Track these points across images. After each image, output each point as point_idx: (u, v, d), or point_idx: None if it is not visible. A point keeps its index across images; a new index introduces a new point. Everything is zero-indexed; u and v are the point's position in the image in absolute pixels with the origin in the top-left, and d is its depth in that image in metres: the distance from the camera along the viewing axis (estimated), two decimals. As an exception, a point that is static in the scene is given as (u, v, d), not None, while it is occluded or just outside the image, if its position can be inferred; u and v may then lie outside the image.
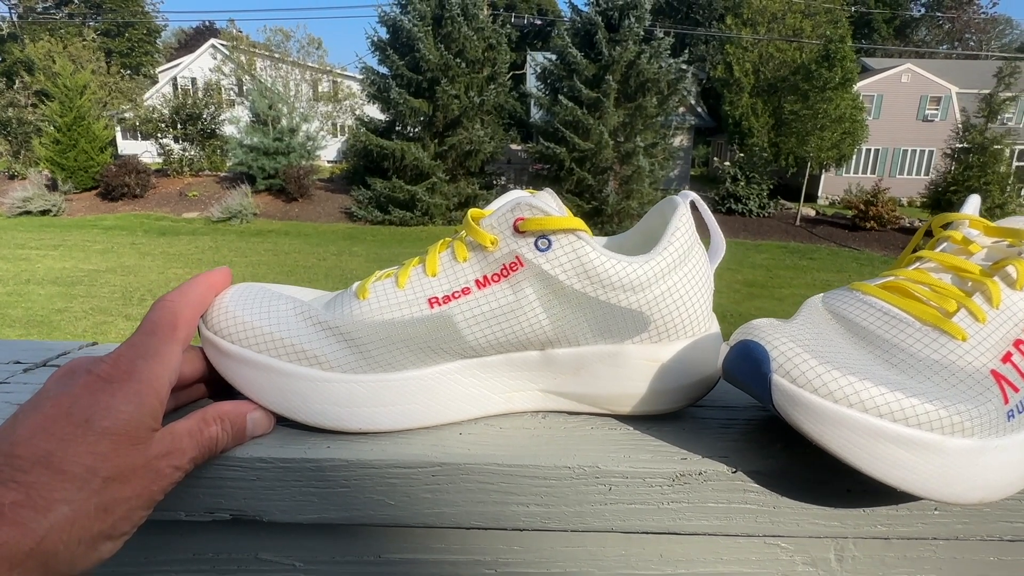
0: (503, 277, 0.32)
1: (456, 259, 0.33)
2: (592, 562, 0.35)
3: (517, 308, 0.32)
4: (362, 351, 0.32)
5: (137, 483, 0.26)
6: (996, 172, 12.44)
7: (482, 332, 0.32)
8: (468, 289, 0.32)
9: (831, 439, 0.26)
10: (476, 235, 0.32)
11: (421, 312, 0.32)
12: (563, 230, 0.31)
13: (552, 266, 0.32)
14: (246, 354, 0.32)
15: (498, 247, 0.32)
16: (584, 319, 0.33)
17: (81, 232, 10.29)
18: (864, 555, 0.35)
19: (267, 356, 0.32)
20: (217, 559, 0.35)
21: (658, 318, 0.33)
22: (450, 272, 0.33)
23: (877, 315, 0.30)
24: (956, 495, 0.26)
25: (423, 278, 0.33)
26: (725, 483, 0.31)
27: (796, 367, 0.26)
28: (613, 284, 0.32)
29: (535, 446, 0.32)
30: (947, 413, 0.25)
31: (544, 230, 0.31)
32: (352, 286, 0.35)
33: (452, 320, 0.32)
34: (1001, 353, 0.28)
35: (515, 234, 0.32)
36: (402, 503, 0.32)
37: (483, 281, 0.32)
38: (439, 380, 0.33)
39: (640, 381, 0.34)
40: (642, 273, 0.32)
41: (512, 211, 0.32)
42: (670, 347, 0.34)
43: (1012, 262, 0.30)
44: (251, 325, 0.33)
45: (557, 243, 0.31)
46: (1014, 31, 35.62)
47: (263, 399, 0.33)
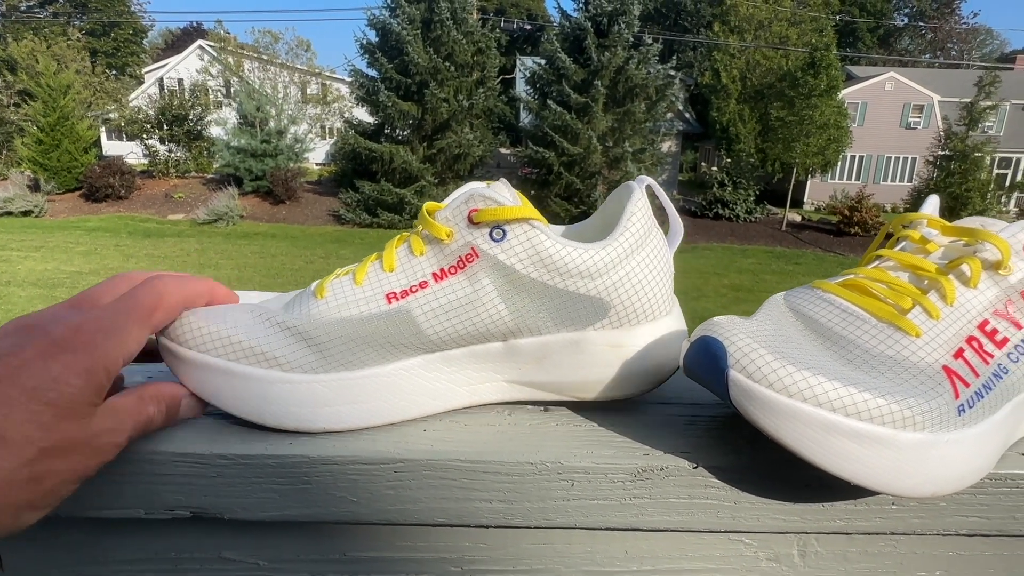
0: (460, 269, 0.32)
1: (413, 253, 0.33)
2: (558, 559, 0.35)
3: (475, 300, 0.32)
4: (322, 350, 0.32)
5: (74, 457, 0.26)
6: (977, 179, 12.66)
7: (441, 325, 0.32)
8: (425, 283, 0.32)
9: (785, 433, 0.26)
10: (432, 228, 0.32)
11: (379, 308, 0.32)
12: (517, 219, 0.31)
13: (508, 256, 0.32)
14: (204, 359, 0.32)
15: (454, 239, 0.32)
16: (544, 308, 0.33)
17: (64, 233, 10.14)
18: (826, 550, 0.35)
19: (225, 360, 0.32)
20: (179, 558, 0.35)
21: (618, 304, 0.33)
22: (407, 267, 0.33)
23: (836, 312, 0.31)
24: (908, 488, 0.27)
25: (380, 274, 0.33)
26: (686, 478, 0.31)
27: (752, 362, 0.27)
28: (570, 271, 0.32)
29: (498, 442, 0.32)
30: (898, 407, 0.26)
31: (498, 220, 0.31)
32: (311, 285, 0.35)
33: (411, 314, 0.32)
34: (953, 349, 0.29)
35: (470, 226, 0.32)
36: (365, 500, 0.31)
37: (440, 274, 0.32)
38: (401, 376, 0.33)
39: (604, 367, 0.34)
40: (599, 259, 0.32)
41: (466, 203, 0.32)
42: (632, 332, 0.34)
43: (966, 260, 0.31)
44: (207, 330, 0.32)
45: (512, 233, 0.32)
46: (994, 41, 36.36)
47: (224, 404, 0.32)
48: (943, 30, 33.22)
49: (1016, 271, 0.31)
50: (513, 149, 13.87)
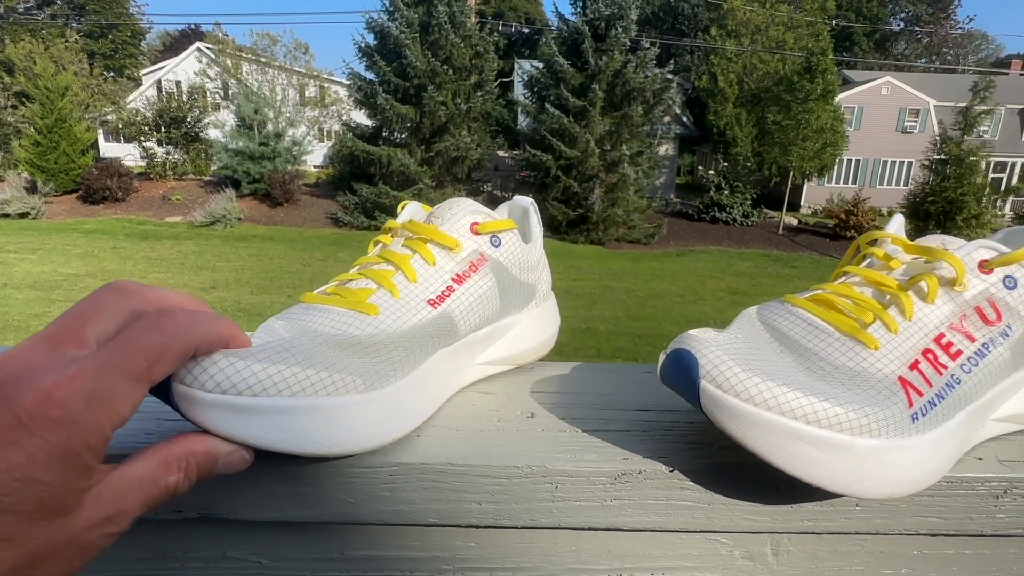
0: (474, 272, 0.38)
1: (427, 263, 0.37)
2: (545, 558, 0.37)
3: (488, 294, 0.39)
4: (391, 361, 0.33)
5: (54, 566, 0.20)
6: (972, 183, 12.73)
7: (471, 319, 0.38)
8: (452, 288, 0.37)
9: (752, 439, 0.28)
10: (442, 239, 0.38)
11: (429, 313, 0.36)
12: (508, 230, 0.41)
13: (504, 258, 0.40)
14: (271, 403, 0.28)
15: (462, 248, 0.38)
16: (514, 296, 0.42)
17: (61, 236, 10.14)
18: (798, 549, 0.37)
19: (299, 397, 0.28)
20: (187, 557, 0.37)
21: (540, 287, 0.45)
22: (428, 275, 0.37)
23: (802, 325, 0.33)
24: (866, 491, 0.29)
25: (408, 284, 0.36)
26: (663, 481, 0.33)
27: (722, 373, 0.29)
28: (527, 266, 0.42)
29: (487, 447, 0.34)
30: (855, 415, 0.28)
31: (493, 231, 0.40)
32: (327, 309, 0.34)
33: (452, 315, 0.37)
34: (909, 361, 0.31)
35: (472, 236, 0.39)
36: (362, 501, 0.33)
37: (458, 278, 0.38)
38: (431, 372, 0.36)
39: (536, 334, 0.45)
40: (536, 256, 0.44)
41: (467, 216, 0.39)
42: (544, 306, 0.46)
43: (925, 277, 0.33)
44: (269, 370, 0.28)
45: (504, 239, 0.41)
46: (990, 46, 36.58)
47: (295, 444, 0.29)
48: (939, 35, 33.43)
49: (970, 288, 0.33)
50: (511, 152, 13.94)
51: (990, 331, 0.32)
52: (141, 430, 0.35)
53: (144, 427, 0.35)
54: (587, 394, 0.42)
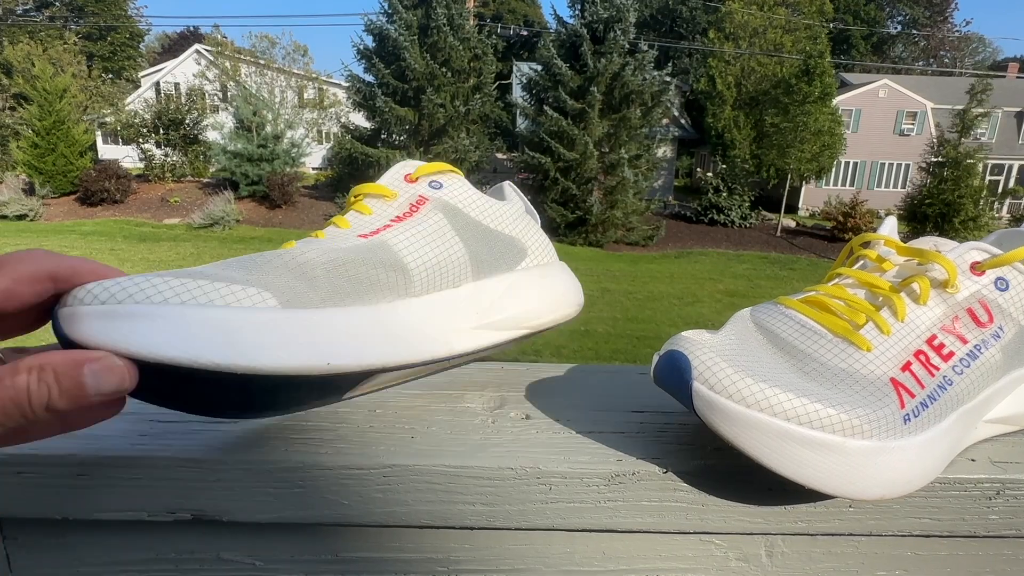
0: (415, 212, 0.37)
1: (363, 214, 0.37)
2: (539, 559, 0.37)
3: (437, 232, 0.37)
4: (312, 282, 0.31)
5: None
6: (969, 186, 12.77)
7: (419, 254, 0.36)
8: (389, 225, 0.36)
9: (744, 440, 0.28)
10: (375, 190, 0.37)
11: (356, 243, 0.34)
12: (447, 171, 0.40)
13: (450, 197, 0.39)
14: (149, 310, 0.25)
15: (398, 195, 0.38)
16: (485, 244, 0.39)
17: (59, 237, 10.12)
18: (792, 551, 0.37)
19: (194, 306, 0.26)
20: (180, 559, 0.37)
21: (532, 246, 0.43)
22: (362, 221, 0.36)
23: (795, 327, 0.33)
24: (858, 492, 0.29)
25: (339, 231, 0.36)
26: (657, 482, 0.33)
27: (714, 375, 0.29)
28: (494, 215, 0.41)
29: (481, 448, 0.34)
30: (847, 416, 0.28)
31: (430, 174, 0.39)
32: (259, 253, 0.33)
33: (388, 244, 0.35)
34: (901, 362, 0.31)
35: (408, 183, 0.39)
36: (356, 503, 0.33)
37: (398, 218, 0.37)
38: (392, 315, 0.34)
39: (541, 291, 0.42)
40: (508, 209, 0.42)
41: (399, 170, 0.39)
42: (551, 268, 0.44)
43: (917, 279, 0.33)
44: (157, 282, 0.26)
45: (446, 181, 0.39)
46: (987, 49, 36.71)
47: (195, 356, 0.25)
48: (936, 38, 33.54)
49: (963, 289, 0.33)
50: (509, 155, 13.95)
51: (982, 333, 0.33)
52: (134, 432, 0.35)
53: (137, 428, 0.35)
54: (581, 395, 0.42)
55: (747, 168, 14.43)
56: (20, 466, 0.33)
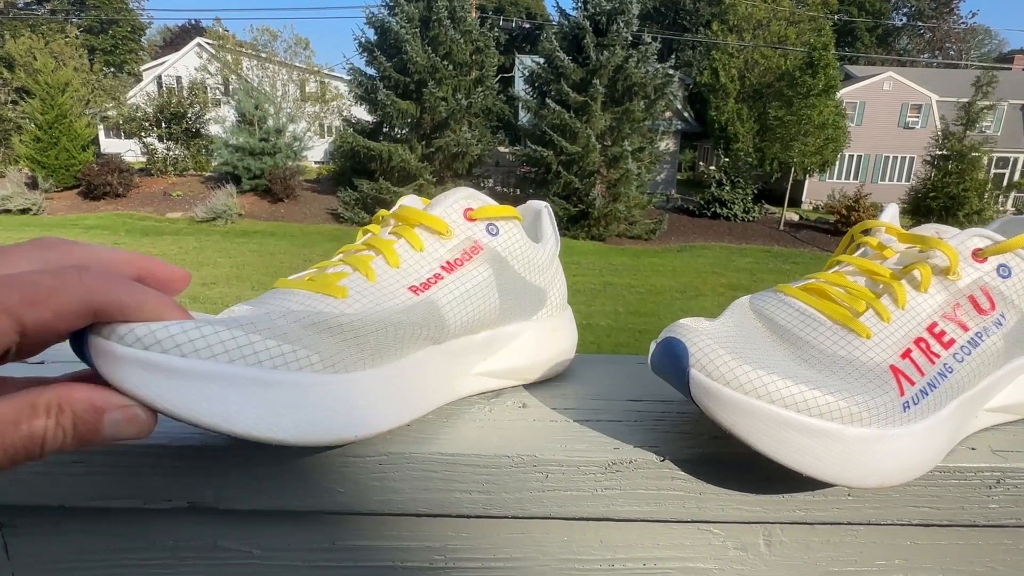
0: (466, 260, 0.35)
1: (413, 248, 0.34)
2: (536, 548, 0.37)
3: (484, 287, 0.35)
4: (359, 344, 0.29)
5: None
6: (974, 179, 12.70)
7: (462, 312, 0.34)
8: (440, 275, 0.34)
9: (742, 428, 0.28)
10: (431, 223, 0.35)
11: (409, 300, 0.32)
12: (507, 217, 0.37)
13: (503, 249, 0.36)
14: (216, 368, 0.24)
15: (454, 234, 0.35)
16: (516, 296, 0.37)
17: (62, 231, 10.15)
18: (791, 540, 0.37)
19: (243, 366, 0.25)
20: (177, 547, 0.37)
21: (552, 293, 0.40)
22: (412, 261, 0.34)
23: (794, 314, 0.33)
24: (856, 479, 0.29)
25: (388, 269, 0.33)
26: (654, 470, 0.33)
27: (711, 362, 0.29)
28: (532, 265, 0.38)
29: (478, 436, 0.34)
30: (846, 404, 0.28)
31: (491, 217, 0.36)
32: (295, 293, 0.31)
33: (436, 304, 0.33)
34: (901, 349, 0.31)
35: (467, 222, 0.36)
36: (352, 491, 0.33)
37: (448, 267, 0.34)
38: (415, 370, 0.33)
39: (548, 348, 0.40)
40: (545, 255, 0.39)
41: (461, 202, 0.36)
42: (559, 317, 0.42)
43: (918, 266, 0.33)
44: (216, 334, 0.24)
45: (503, 228, 0.37)
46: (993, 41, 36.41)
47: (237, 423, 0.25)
48: (941, 30, 33.28)
49: (964, 277, 0.33)
50: (512, 148, 13.90)
51: (984, 320, 0.32)
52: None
53: (134, 417, 0.35)
54: (579, 385, 0.42)
55: (750, 162, 14.36)
56: (16, 453, 0.32)
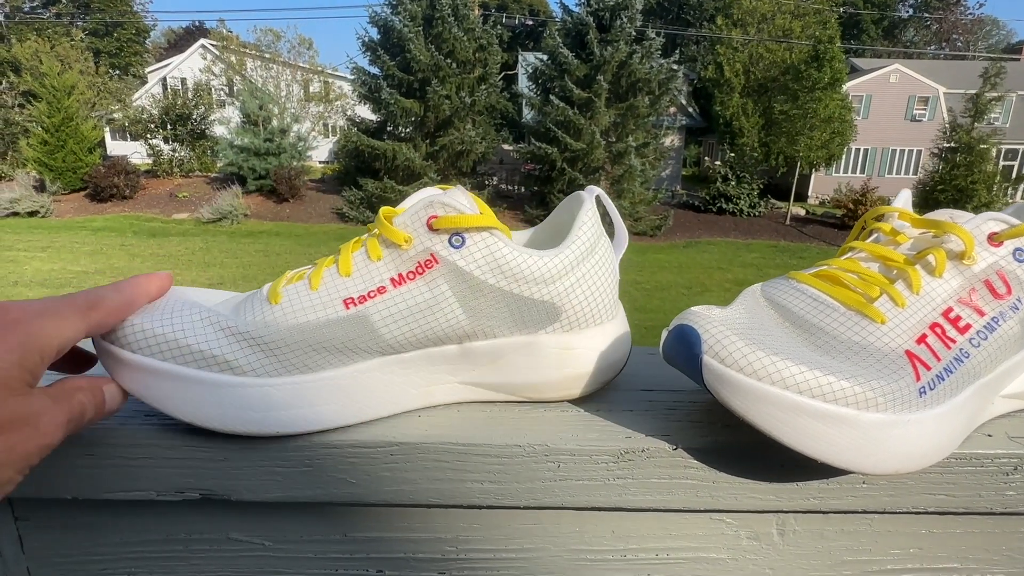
0: (418, 275, 0.33)
1: (370, 258, 0.33)
2: (548, 538, 0.37)
3: (434, 304, 0.33)
4: (276, 355, 0.32)
5: (18, 434, 0.26)
6: (983, 171, 12.58)
7: (399, 329, 0.33)
8: (384, 288, 0.32)
9: (756, 414, 0.28)
10: (389, 233, 0.33)
11: (336, 314, 0.32)
12: (477, 228, 0.33)
13: (467, 262, 0.33)
14: (151, 363, 0.31)
15: (412, 245, 0.33)
16: (500, 312, 0.34)
17: (70, 233, 10.21)
18: (804, 529, 0.37)
19: (174, 364, 0.31)
20: (190, 539, 0.37)
21: (568, 308, 0.35)
22: (364, 272, 0.33)
23: (807, 301, 0.33)
24: (872, 465, 0.28)
25: (337, 279, 0.33)
26: (667, 459, 0.33)
27: (724, 348, 0.28)
28: (526, 278, 0.33)
29: (488, 426, 0.34)
30: (861, 389, 0.28)
31: (458, 228, 0.32)
32: (263, 288, 0.34)
33: (369, 319, 0.32)
34: (917, 335, 0.30)
35: (429, 232, 0.32)
36: (363, 481, 0.33)
37: (398, 279, 0.33)
38: (356, 379, 0.33)
39: (555, 368, 0.35)
40: (553, 266, 0.34)
41: (425, 209, 0.33)
42: (581, 335, 0.36)
43: (933, 251, 0.32)
44: (154, 332, 0.31)
45: (471, 240, 0.33)
46: (1000, 32, 36.03)
47: (171, 408, 0.31)
48: (948, 21, 32.97)
49: (980, 261, 0.32)
50: (516, 145, 13.87)
51: (1000, 305, 0.32)
52: (140, 411, 0.35)
53: (143, 408, 0.35)
54: (590, 375, 0.41)
55: (756, 156, 14.28)
56: (29, 446, 0.33)
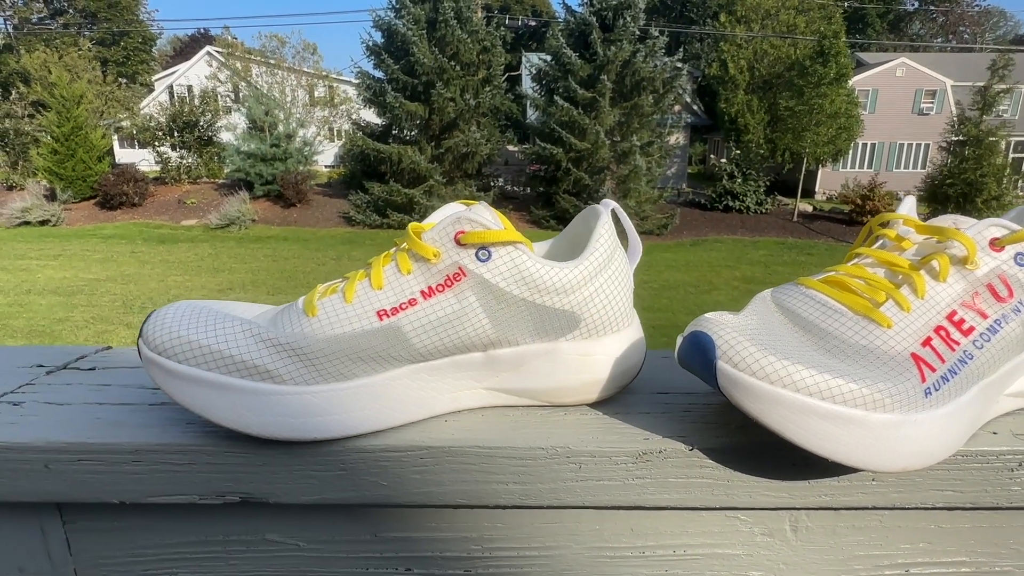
0: (447, 287, 0.35)
1: (400, 272, 0.35)
2: (569, 537, 0.38)
3: (462, 315, 0.35)
4: (314, 364, 0.34)
5: None
6: (992, 164, 12.47)
7: (429, 339, 0.35)
8: (415, 300, 0.34)
9: (768, 416, 0.29)
10: (419, 248, 0.35)
11: (371, 325, 0.34)
12: (502, 242, 0.35)
13: (493, 275, 0.35)
14: (196, 373, 0.33)
15: (440, 259, 0.35)
16: (523, 321, 0.36)
17: (80, 241, 10.32)
18: (816, 525, 0.38)
19: (218, 374, 0.33)
20: (228, 540, 0.39)
21: (587, 316, 0.37)
22: (395, 285, 0.35)
23: (816, 306, 0.34)
24: (880, 464, 0.30)
25: (370, 291, 0.35)
26: (683, 459, 0.34)
27: (738, 353, 0.30)
28: (548, 288, 0.35)
29: (512, 430, 0.36)
30: (869, 391, 0.29)
31: (484, 242, 0.35)
32: (298, 301, 0.36)
33: (401, 330, 0.34)
34: (922, 338, 0.32)
35: (457, 246, 0.35)
36: (394, 484, 0.35)
37: (428, 292, 0.35)
38: (388, 386, 0.35)
39: (574, 374, 0.38)
40: (573, 277, 0.36)
41: (453, 225, 0.35)
42: (599, 342, 0.38)
43: (937, 257, 0.34)
44: (199, 344, 0.33)
45: (496, 254, 0.35)
46: (1007, 23, 35.71)
47: (216, 416, 0.33)
48: (955, 13, 32.71)
49: (982, 265, 0.34)
50: (520, 146, 13.90)
51: (1002, 308, 0.33)
52: (182, 419, 0.37)
53: (185, 416, 0.37)
54: (607, 379, 0.43)
55: (761, 153, 14.24)
56: (79, 454, 0.35)
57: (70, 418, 0.37)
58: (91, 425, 0.36)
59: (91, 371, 0.45)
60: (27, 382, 0.42)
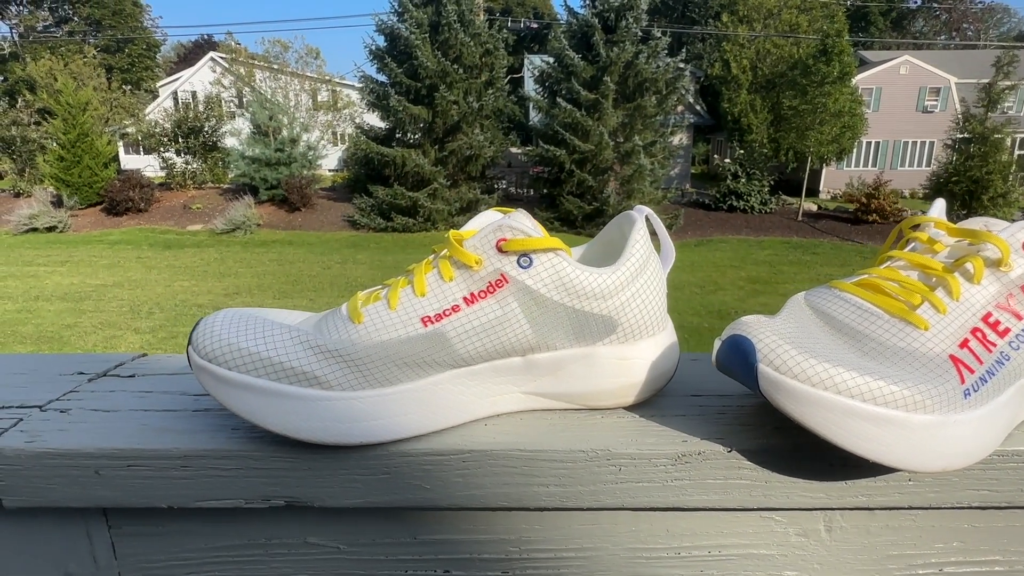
0: (490, 293, 0.35)
1: (443, 279, 0.36)
2: (606, 538, 0.39)
3: (504, 320, 0.35)
4: (361, 370, 0.34)
5: None
6: (998, 161, 12.41)
7: (472, 344, 0.35)
8: (458, 307, 0.35)
9: (810, 418, 0.30)
10: (460, 255, 0.35)
11: (415, 331, 0.35)
12: (543, 249, 0.35)
13: (534, 281, 0.35)
14: (247, 380, 0.34)
15: (483, 266, 0.35)
16: (562, 326, 0.36)
17: (87, 247, 10.39)
18: (851, 525, 0.39)
19: (268, 380, 0.34)
20: (269, 544, 0.39)
21: (624, 321, 0.37)
22: (438, 292, 0.35)
23: (852, 309, 0.34)
24: (921, 464, 0.30)
25: (413, 298, 0.35)
26: (722, 461, 0.35)
27: (779, 357, 0.30)
28: (587, 294, 0.36)
29: (553, 433, 0.36)
30: (910, 393, 0.29)
31: (526, 249, 0.35)
32: (341, 308, 0.37)
33: (445, 336, 0.35)
34: (959, 340, 0.32)
35: (499, 253, 0.35)
36: (436, 487, 0.36)
37: (471, 298, 0.35)
38: (432, 391, 0.36)
39: (612, 377, 0.38)
40: (611, 282, 0.36)
41: (495, 232, 0.35)
42: (636, 346, 0.39)
43: (971, 259, 0.34)
44: (248, 351, 0.34)
45: (538, 260, 0.35)
46: (1011, 19, 35.57)
47: (265, 421, 0.34)
48: (958, 10, 32.60)
49: (1016, 267, 0.34)
50: (524, 148, 13.90)
51: (1037, 309, 0.34)
52: (227, 425, 0.38)
53: (230, 423, 0.38)
54: (639, 382, 0.43)
55: (765, 152, 14.21)
56: (130, 460, 0.35)
57: (118, 425, 0.38)
58: (139, 431, 0.37)
59: (131, 378, 0.45)
60: (71, 389, 0.43)
